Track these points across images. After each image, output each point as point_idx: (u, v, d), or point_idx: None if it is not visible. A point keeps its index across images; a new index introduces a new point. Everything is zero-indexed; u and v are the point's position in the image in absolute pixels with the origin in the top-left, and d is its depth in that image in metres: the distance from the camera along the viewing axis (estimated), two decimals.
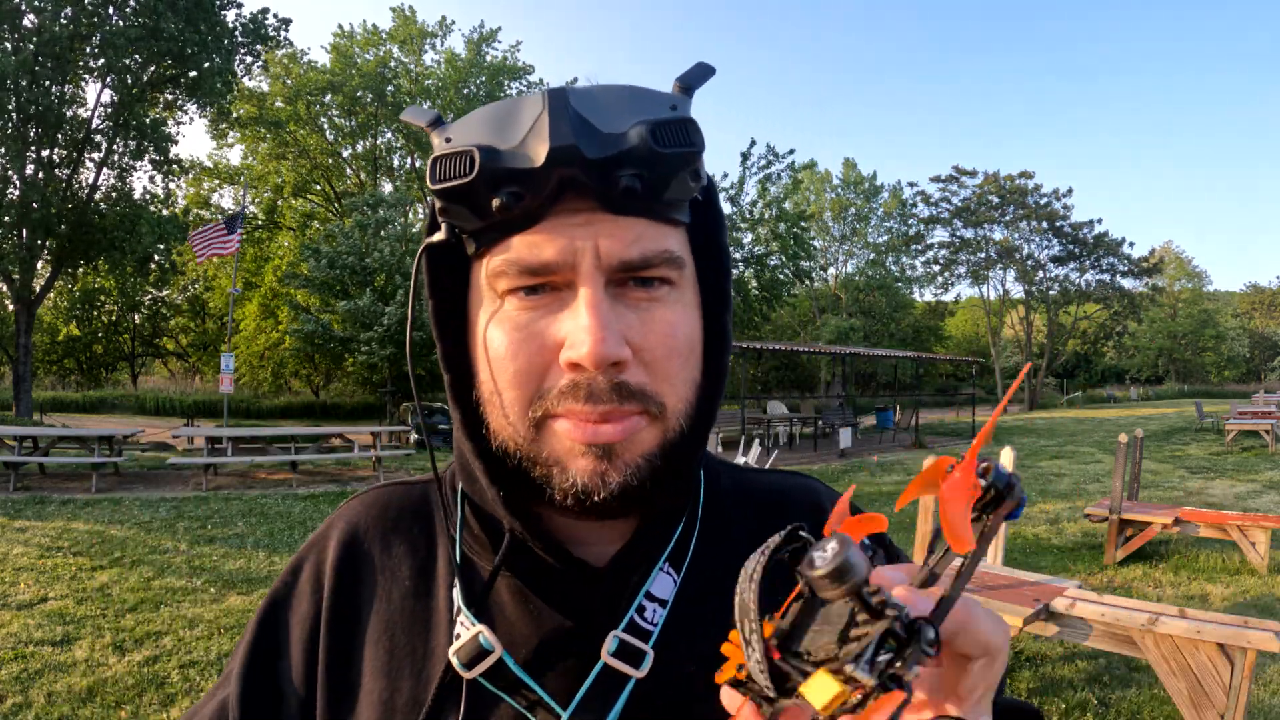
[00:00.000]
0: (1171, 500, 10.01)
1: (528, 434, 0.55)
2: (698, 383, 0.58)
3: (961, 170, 41.66)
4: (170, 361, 49.14)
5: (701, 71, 0.57)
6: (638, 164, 0.50)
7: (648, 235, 0.53)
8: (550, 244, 0.52)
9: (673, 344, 0.55)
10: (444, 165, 0.51)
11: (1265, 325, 64.66)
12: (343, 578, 0.66)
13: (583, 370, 0.52)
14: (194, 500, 9.91)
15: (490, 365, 0.56)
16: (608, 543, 0.61)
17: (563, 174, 0.50)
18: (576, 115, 0.51)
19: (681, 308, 0.56)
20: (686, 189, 0.54)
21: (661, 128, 0.50)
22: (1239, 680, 3.14)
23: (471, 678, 0.56)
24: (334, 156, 35.54)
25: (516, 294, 0.54)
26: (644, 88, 0.55)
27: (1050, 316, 42.50)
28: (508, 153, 0.51)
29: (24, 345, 21.84)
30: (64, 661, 4.57)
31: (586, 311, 0.51)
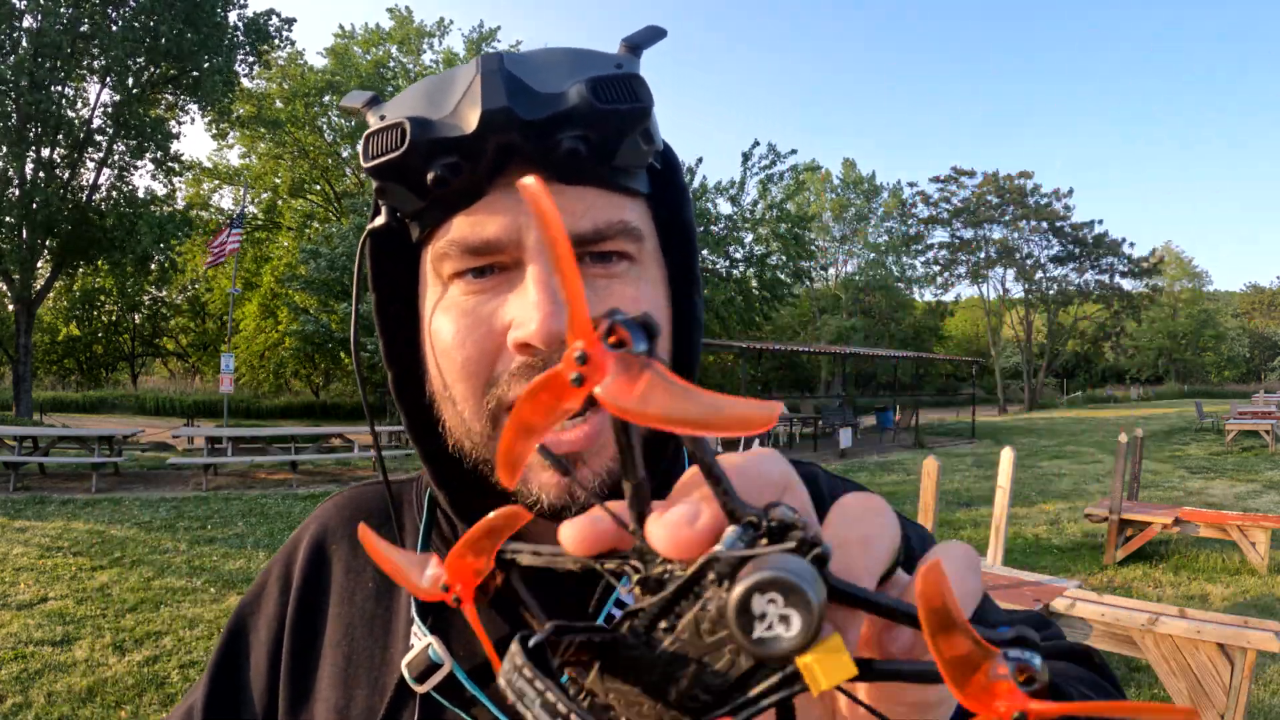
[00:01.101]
0: (1171, 500, 10.01)
1: (484, 431, 0.51)
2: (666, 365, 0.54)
3: (960, 170, 41.69)
4: (170, 361, 49.15)
5: (651, 33, 0.54)
6: (580, 124, 0.46)
7: (599, 205, 0.49)
8: (493, 220, 0.48)
9: None
10: (376, 141, 0.48)
11: (1265, 325, 64.66)
12: (309, 579, 0.63)
13: (534, 350, 0.47)
14: (194, 500, 9.91)
15: (437, 358, 0.52)
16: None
17: (499, 140, 0.47)
18: (511, 77, 0.47)
19: (644, 284, 0.52)
20: (639, 153, 0.50)
21: (604, 84, 0.46)
22: (1239, 680, 3.14)
23: (423, 691, 0.53)
24: (333, 157, 35.55)
25: (463, 278, 0.51)
26: (587, 49, 0.51)
27: (1050, 316, 42.51)
28: (440, 122, 0.47)
29: (24, 345, 21.84)
30: (64, 661, 4.57)
31: (534, 288, 0.47)
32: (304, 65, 32.77)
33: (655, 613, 0.26)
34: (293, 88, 32.14)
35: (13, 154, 20.05)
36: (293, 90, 32.17)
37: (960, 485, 11.91)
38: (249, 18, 24.73)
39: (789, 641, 0.23)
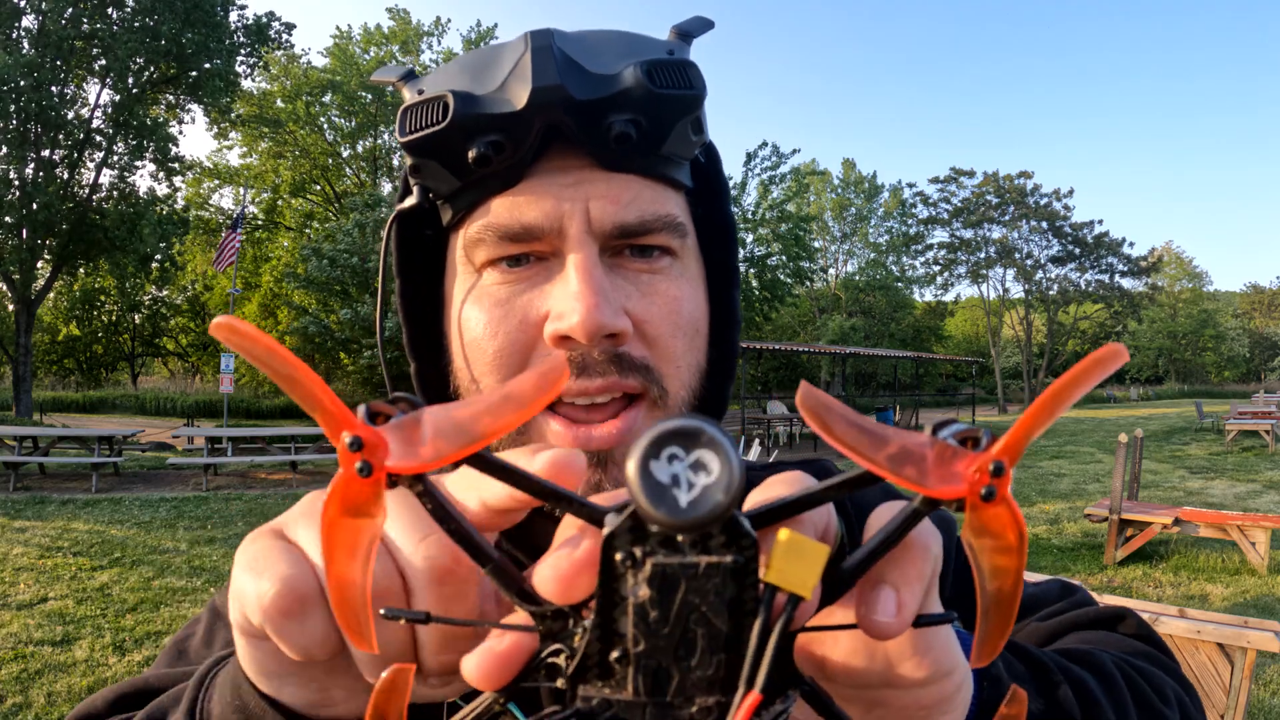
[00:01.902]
0: (1171, 500, 10.01)
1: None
2: (703, 369, 0.52)
3: (959, 171, 41.70)
4: (170, 361, 49.16)
5: (700, 22, 0.52)
6: (632, 107, 0.44)
7: (645, 196, 0.47)
8: (534, 205, 0.46)
9: (677, 320, 0.48)
10: (415, 115, 0.46)
11: (1265, 325, 64.68)
12: None
13: (573, 345, 0.45)
14: (194, 500, 9.91)
15: (465, 349, 0.50)
16: None
17: (548, 119, 0.44)
18: (563, 55, 0.45)
19: (685, 282, 0.50)
20: (688, 142, 0.48)
21: (659, 68, 0.45)
22: (1239, 680, 3.14)
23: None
24: (333, 156, 35.57)
25: (497, 266, 0.48)
26: (638, 33, 0.49)
27: (1050, 316, 42.53)
28: (486, 98, 0.45)
29: (24, 345, 21.84)
30: (64, 661, 4.57)
31: (577, 277, 0.45)
32: (306, 64, 32.79)
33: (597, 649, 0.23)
34: (295, 86, 32.16)
35: (13, 154, 20.06)
36: (295, 89, 32.19)
37: None
38: (249, 20, 24.75)
39: (720, 484, 0.21)
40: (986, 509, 0.23)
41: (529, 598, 0.25)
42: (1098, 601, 0.66)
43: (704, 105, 0.47)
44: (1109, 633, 0.62)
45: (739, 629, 0.22)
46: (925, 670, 0.29)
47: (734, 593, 0.22)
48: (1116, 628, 0.63)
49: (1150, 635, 0.62)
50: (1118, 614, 0.63)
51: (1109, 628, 0.63)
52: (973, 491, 0.22)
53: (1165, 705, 0.53)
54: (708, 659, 0.23)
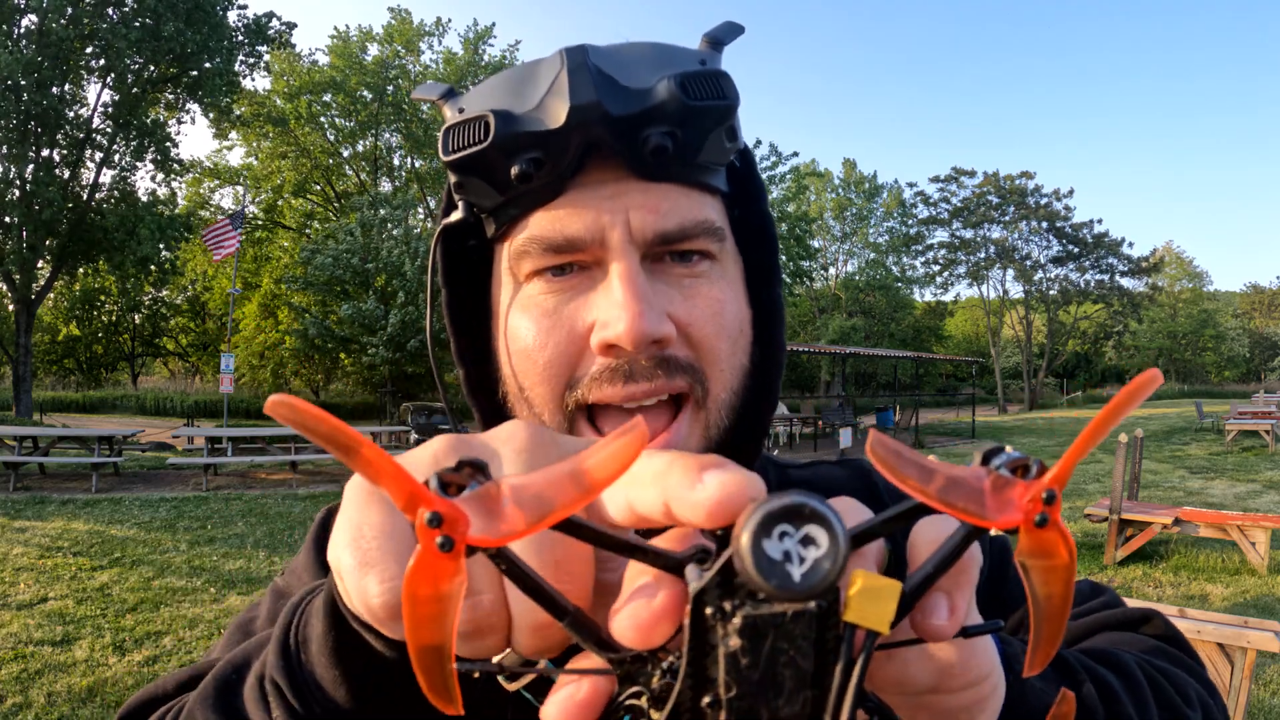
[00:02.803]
0: (1171, 500, 10.01)
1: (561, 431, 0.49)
2: (746, 369, 0.53)
3: (960, 170, 41.70)
4: (170, 361, 49.16)
5: (730, 28, 0.53)
6: (668, 120, 0.46)
7: (683, 204, 0.49)
8: (576, 217, 0.48)
9: (721, 322, 0.49)
10: (457, 134, 0.47)
11: (1265, 325, 64.67)
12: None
13: (620, 352, 0.47)
14: (194, 500, 9.91)
15: (513, 359, 0.51)
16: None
17: (586, 134, 0.46)
18: (598, 71, 0.46)
19: (726, 284, 0.51)
20: (723, 150, 0.49)
21: (692, 80, 0.46)
22: (1239, 680, 3.14)
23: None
24: (334, 156, 35.57)
25: (542, 276, 0.50)
26: (669, 44, 0.50)
27: (1050, 316, 42.53)
28: (525, 116, 0.46)
29: (24, 345, 21.85)
30: (64, 661, 4.57)
31: (621, 286, 0.46)
32: (310, 63, 32.80)
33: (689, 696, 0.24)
34: (296, 85, 32.17)
35: (13, 154, 20.06)
36: (296, 88, 32.20)
37: None
38: (249, 19, 24.75)
39: (829, 556, 0.22)
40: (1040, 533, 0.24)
41: (607, 646, 0.26)
42: (1125, 602, 0.67)
43: (737, 113, 0.48)
44: (1135, 634, 0.63)
45: (823, 666, 0.24)
46: (969, 674, 0.31)
47: (818, 634, 0.24)
48: (1142, 629, 0.63)
49: (1176, 637, 0.63)
50: (1145, 615, 0.63)
51: (1135, 629, 0.64)
52: (1027, 519, 0.24)
53: (1188, 707, 0.53)
54: (795, 696, 0.24)
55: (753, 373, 0.54)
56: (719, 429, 0.51)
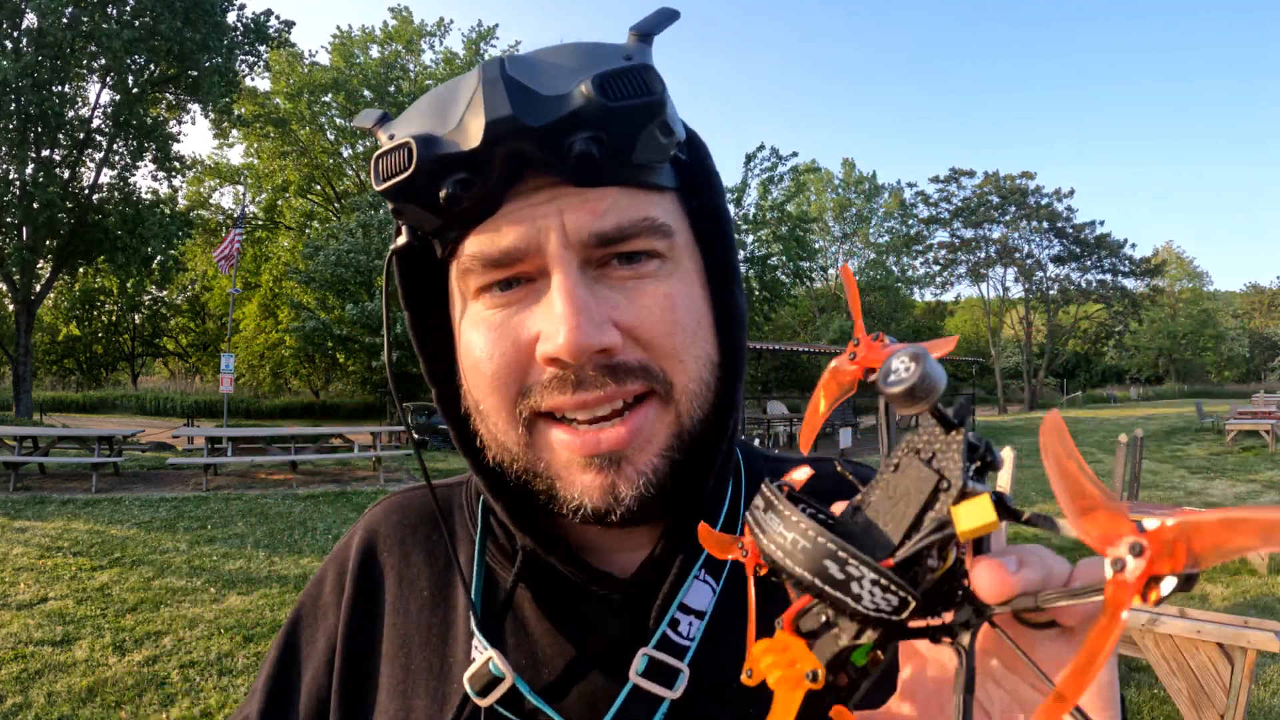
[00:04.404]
0: (1171, 500, 10.00)
1: (520, 439, 0.49)
2: (714, 360, 0.51)
3: (960, 170, 41.71)
4: (170, 361, 49.17)
5: (661, 17, 0.50)
6: (590, 124, 0.44)
7: (622, 203, 0.47)
8: (511, 229, 0.46)
9: (673, 317, 0.48)
10: (384, 163, 0.46)
11: (1265, 325, 64.66)
12: (361, 589, 0.61)
13: (563, 364, 0.46)
14: (194, 500, 9.91)
15: (467, 374, 0.51)
16: (634, 550, 0.55)
17: (507, 149, 0.44)
18: (514, 83, 0.44)
19: (677, 281, 0.49)
20: (659, 146, 0.47)
21: (611, 79, 0.44)
22: (1239, 680, 3.14)
23: (486, 705, 0.51)
24: (334, 156, 35.57)
25: (489, 292, 0.49)
26: (594, 43, 0.48)
27: (1050, 316, 42.53)
28: (446, 138, 0.45)
29: (24, 345, 21.85)
30: (64, 661, 4.57)
31: (559, 298, 0.45)
32: (310, 64, 32.80)
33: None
34: (298, 84, 32.17)
35: (13, 154, 20.06)
36: (297, 87, 32.20)
37: None
38: (248, 19, 24.76)
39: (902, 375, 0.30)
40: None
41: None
42: None
43: (667, 107, 0.46)
44: None
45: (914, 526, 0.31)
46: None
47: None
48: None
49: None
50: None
51: None
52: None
53: None
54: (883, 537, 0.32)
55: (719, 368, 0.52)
56: (691, 418, 0.49)
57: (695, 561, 0.54)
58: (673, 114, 0.48)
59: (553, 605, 0.55)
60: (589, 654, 0.53)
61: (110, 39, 20.24)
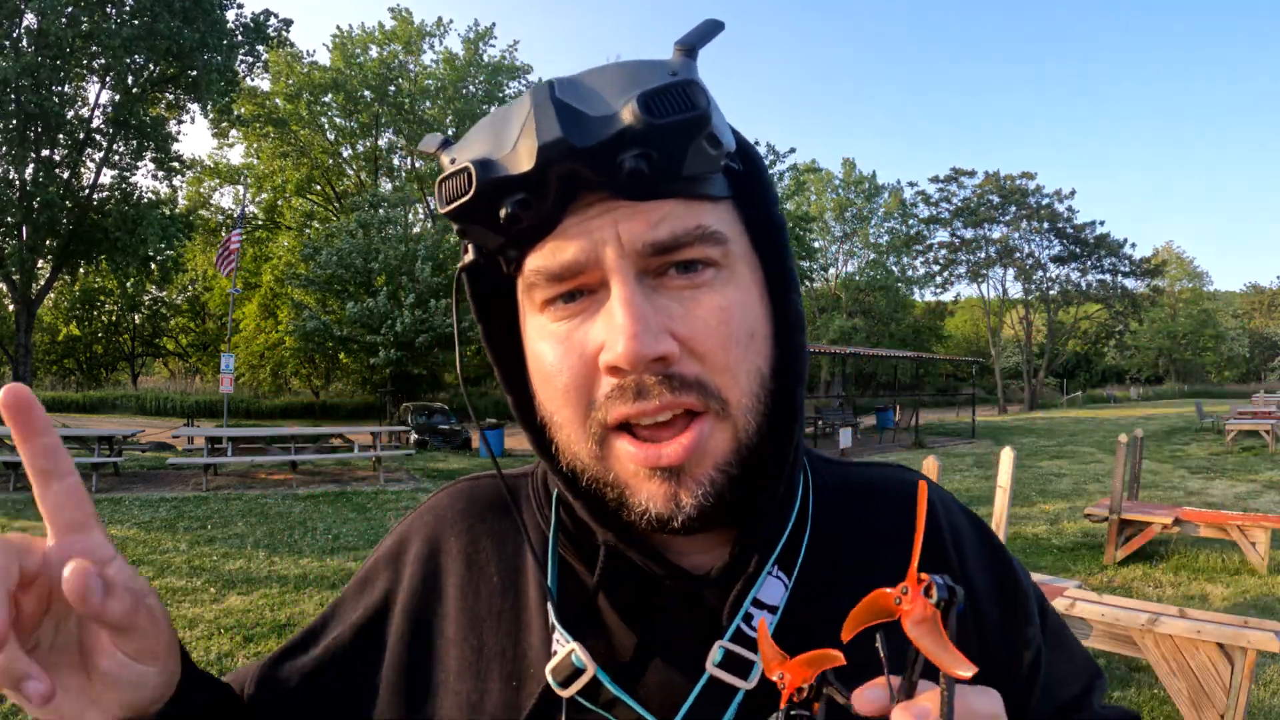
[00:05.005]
0: (1171, 500, 10.01)
1: (592, 452, 0.52)
2: (765, 374, 0.53)
3: (960, 170, 41.69)
4: (170, 361, 49.17)
5: (706, 29, 0.51)
6: (638, 142, 0.45)
7: (676, 213, 0.49)
8: (570, 243, 0.49)
9: (727, 330, 0.50)
10: (447, 187, 0.49)
11: (1265, 325, 64.66)
12: (425, 569, 0.64)
13: (623, 373, 0.48)
14: (194, 500, 9.91)
15: (539, 386, 0.54)
16: (710, 548, 0.57)
17: (560, 170, 0.46)
18: (563, 105, 0.46)
19: (733, 289, 0.51)
20: (708, 159, 0.48)
21: (655, 97, 0.45)
22: (1239, 680, 3.14)
23: (568, 696, 0.54)
24: (334, 156, 35.56)
25: (554, 304, 0.51)
26: (641, 60, 0.50)
27: (1050, 316, 42.51)
28: (502, 161, 0.48)
29: (24, 345, 21.85)
30: None
31: (619, 308, 0.47)
32: (310, 64, 32.79)
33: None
34: (297, 84, 32.16)
35: (13, 154, 20.06)
36: (297, 87, 32.19)
37: (960, 485, 11.91)
38: (247, 18, 24.77)
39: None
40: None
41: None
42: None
43: (713, 120, 0.47)
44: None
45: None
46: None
47: None
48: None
49: None
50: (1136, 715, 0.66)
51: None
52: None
53: None
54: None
55: (775, 376, 0.54)
56: (747, 431, 0.51)
57: (769, 558, 0.56)
58: (720, 125, 0.49)
59: (629, 599, 0.57)
60: (665, 646, 0.55)
61: (109, 38, 20.24)
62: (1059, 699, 0.63)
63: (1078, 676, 0.65)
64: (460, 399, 33.29)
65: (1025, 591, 0.63)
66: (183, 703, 0.52)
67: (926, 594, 0.38)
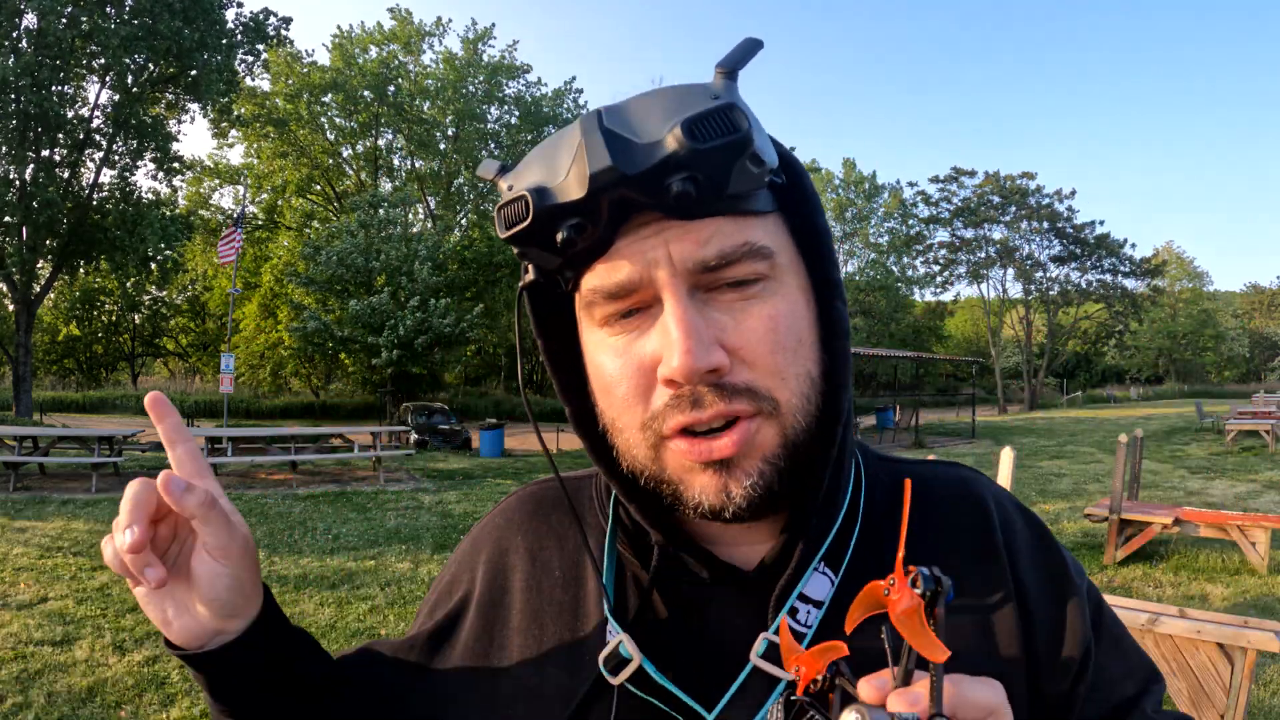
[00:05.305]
0: (1171, 500, 10.01)
1: (648, 454, 0.55)
2: (814, 376, 0.56)
3: (960, 170, 41.67)
4: (170, 361, 49.16)
5: (745, 49, 0.53)
6: (683, 166, 0.48)
7: (723, 231, 0.51)
8: (624, 263, 0.52)
9: (775, 338, 0.53)
10: (506, 213, 0.52)
11: (1265, 325, 64.65)
12: (496, 567, 0.70)
13: (678, 384, 0.51)
14: None
15: (601, 396, 0.58)
16: (758, 542, 0.60)
17: (611, 196, 0.49)
18: (611, 134, 0.49)
19: (781, 299, 0.54)
20: (751, 177, 0.51)
21: (698, 122, 0.48)
22: (1239, 680, 3.14)
23: (617, 684, 0.57)
24: (334, 156, 35.54)
25: (613, 320, 0.54)
26: (685, 85, 0.52)
27: (1050, 316, 42.50)
28: (556, 188, 0.50)
29: (24, 345, 21.85)
30: (64, 661, 4.57)
31: (673, 324, 0.50)
32: (309, 64, 32.76)
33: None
34: (297, 85, 32.13)
35: (13, 154, 20.05)
36: (297, 87, 32.16)
37: None
38: (246, 17, 24.75)
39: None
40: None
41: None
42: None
43: (755, 140, 0.50)
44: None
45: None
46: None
47: None
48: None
49: None
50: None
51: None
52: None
53: None
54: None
55: (822, 378, 0.57)
56: (795, 429, 0.54)
57: (816, 554, 0.59)
58: (762, 144, 0.51)
59: (681, 594, 0.61)
60: (712, 637, 0.59)
61: (109, 38, 20.23)
62: (1112, 699, 0.63)
63: (1133, 678, 0.66)
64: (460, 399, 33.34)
65: (1078, 591, 0.64)
66: (264, 628, 0.60)
67: (913, 585, 0.40)
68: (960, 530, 0.64)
